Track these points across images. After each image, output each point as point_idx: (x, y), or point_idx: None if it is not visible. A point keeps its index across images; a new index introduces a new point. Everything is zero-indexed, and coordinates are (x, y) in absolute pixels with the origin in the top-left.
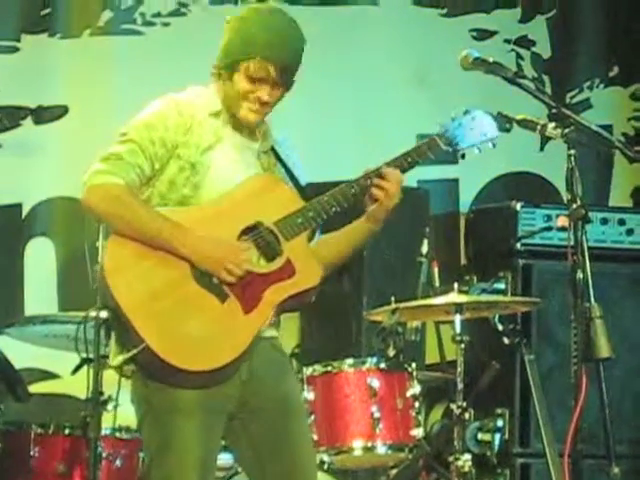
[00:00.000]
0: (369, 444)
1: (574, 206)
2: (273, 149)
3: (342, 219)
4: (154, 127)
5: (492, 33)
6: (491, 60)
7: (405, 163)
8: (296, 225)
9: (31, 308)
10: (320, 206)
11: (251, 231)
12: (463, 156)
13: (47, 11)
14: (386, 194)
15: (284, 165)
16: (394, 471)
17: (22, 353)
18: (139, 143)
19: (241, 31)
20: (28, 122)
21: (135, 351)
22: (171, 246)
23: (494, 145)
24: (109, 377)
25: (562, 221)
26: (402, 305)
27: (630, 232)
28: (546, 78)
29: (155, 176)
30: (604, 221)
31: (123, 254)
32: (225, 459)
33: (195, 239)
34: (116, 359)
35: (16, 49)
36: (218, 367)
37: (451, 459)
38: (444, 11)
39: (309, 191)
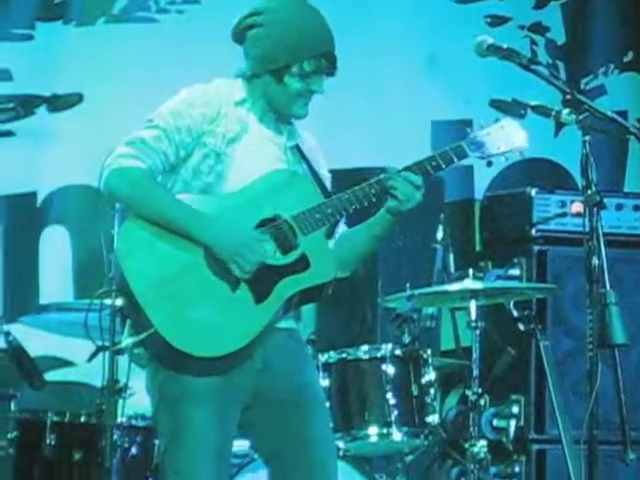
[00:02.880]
0: (385, 431)
1: (589, 192)
2: (298, 147)
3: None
4: (181, 115)
5: (506, 19)
6: (505, 46)
7: (429, 167)
8: (314, 220)
9: (46, 296)
10: (339, 203)
11: (269, 223)
12: (490, 164)
13: None
14: (403, 196)
15: (308, 164)
16: (410, 457)
17: (38, 341)
18: (165, 130)
19: (281, 35)
20: (42, 110)
21: (144, 335)
22: (189, 232)
23: (522, 155)
24: (125, 365)
25: (577, 207)
26: (417, 292)
27: None
28: (560, 64)
29: (179, 164)
30: (619, 207)
31: (138, 237)
32: (241, 446)
33: (213, 227)
34: (125, 341)
35: (31, 37)
36: (223, 355)
37: (467, 445)
38: None
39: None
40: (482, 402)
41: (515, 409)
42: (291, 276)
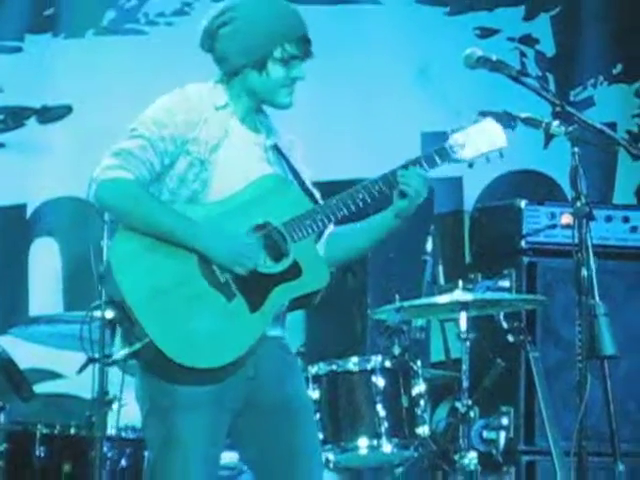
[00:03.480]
0: (374, 442)
1: (578, 204)
2: (276, 146)
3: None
4: (164, 124)
5: (496, 31)
6: (495, 58)
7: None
8: (304, 227)
9: (36, 308)
10: (328, 209)
11: (259, 230)
12: (471, 165)
13: (51, 11)
14: (415, 192)
15: (288, 163)
16: (400, 469)
17: (27, 353)
18: (149, 139)
19: (257, 23)
20: (32, 122)
21: (138, 345)
22: (181, 240)
23: (502, 155)
24: (114, 376)
25: (566, 219)
26: (407, 303)
27: (634, 229)
28: (550, 76)
29: (164, 172)
30: (608, 219)
31: (131, 248)
32: (230, 458)
33: (208, 234)
34: (119, 353)
35: (20, 49)
36: (221, 365)
37: (457, 457)
38: (447, 9)
39: (313, 190)
40: (472, 414)
41: (505, 421)
42: (284, 284)
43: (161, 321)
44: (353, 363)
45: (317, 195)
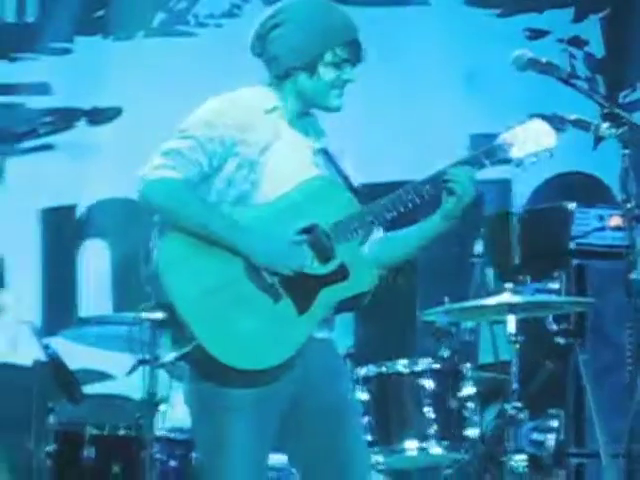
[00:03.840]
0: (423, 444)
1: (628, 206)
2: (326, 150)
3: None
4: (213, 125)
5: (545, 32)
6: (544, 60)
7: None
8: (351, 229)
9: (85, 309)
10: (376, 211)
11: (307, 233)
12: (519, 165)
13: (101, 13)
14: (462, 190)
15: (336, 167)
16: (448, 471)
17: (77, 354)
18: (199, 140)
19: (309, 25)
20: (82, 123)
21: (187, 349)
22: (229, 243)
23: (551, 155)
24: (164, 378)
25: (615, 221)
26: (456, 305)
27: None
28: (599, 78)
29: (213, 174)
30: None
31: (178, 250)
32: (279, 459)
33: (254, 237)
34: (168, 355)
35: (70, 51)
36: (270, 367)
37: (506, 459)
38: (497, 11)
39: (363, 192)
40: (521, 416)
41: (554, 423)
42: (331, 286)
43: (209, 323)
44: (402, 365)
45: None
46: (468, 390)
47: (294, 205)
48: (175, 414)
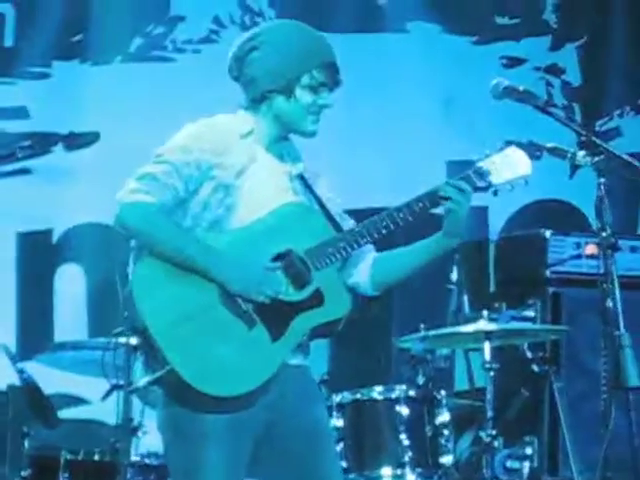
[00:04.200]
0: (398, 472)
1: (604, 234)
2: (302, 176)
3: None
4: (189, 150)
5: (522, 61)
6: (521, 88)
7: (437, 198)
8: (327, 255)
9: (61, 334)
10: (351, 237)
11: (282, 258)
12: (495, 193)
13: (78, 38)
14: (457, 204)
15: (313, 193)
16: None
17: (52, 379)
18: (174, 165)
19: (287, 48)
20: (59, 148)
21: (160, 373)
22: (203, 269)
23: (526, 182)
24: (139, 403)
25: (591, 249)
26: (431, 332)
27: None
28: (576, 106)
29: (188, 198)
30: (633, 249)
31: (153, 276)
32: None
33: (228, 263)
34: (141, 380)
35: (47, 75)
36: (243, 393)
37: None
38: (474, 39)
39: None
40: (496, 443)
41: (529, 450)
42: (306, 312)
43: (183, 349)
44: (377, 392)
45: (349, 222)
46: (443, 417)
47: (269, 230)
48: (149, 440)
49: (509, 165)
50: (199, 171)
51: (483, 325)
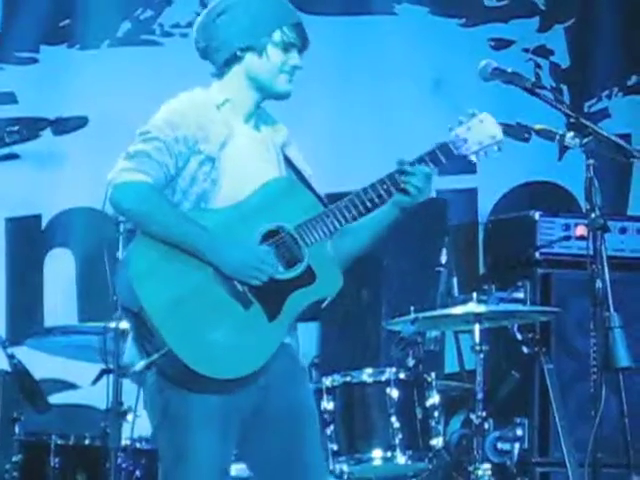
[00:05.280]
0: (389, 454)
1: (593, 215)
2: (280, 146)
3: None
4: (177, 125)
5: (510, 42)
6: (510, 70)
7: (430, 162)
8: (316, 230)
9: (51, 319)
10: (338, 211)
11: (272, 235)
12: (471, 161)
13: (66, 22)
14: (415, 190)
15: (292, 166)
16: None
17: (42, 364)
18: (165, 141)
19: (255, 7)
20: (47, 133)
21: (157, 355)
22: (198, 251)
23: (499, 149)
24: (129, 387)
25: (580, 230)
26: (421, 315)
27: None
28: (564, 87)
29: (177, 173)
30: (623, 230)
31: (148, 256)
32: (243, 469)
33: (222, 245)
34: (138, 364)
35: (35, 60)
36: (243, 376)
37: (471, 469)
38: (462, 21)
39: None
40: (486, 425)
41: (519, 432)
42: (299, 290)
43: (180, 330)
44: (367, 375)
45: (321, 194)
46: (433, 399)
47: (258, 206)
48: (141, 423)
49: (484, 131)
50: (186, 146)
51: (473, 307)
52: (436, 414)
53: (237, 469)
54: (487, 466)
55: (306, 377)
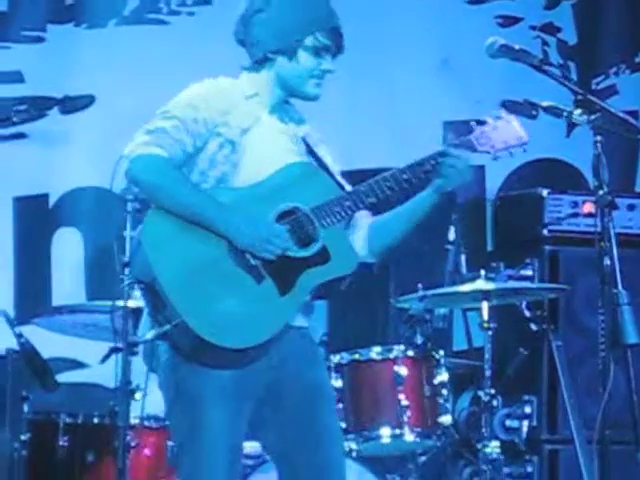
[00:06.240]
0: (397, 432)
1: (601, 193)
2: (305, 139)
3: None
4: (196, 107)
5: (517, 19)
6: (517, 47)
7: (437, 164)
8: (332, 213)
9: (59, 298)
10: (356, 196)
11: (288, 215)
12: (496, 158)
13: (72, 1)
14: (454, 169)
15: (315, 156)
16: (422, 458)
17: (50, 343)
18: (183, 120)
19: (290, 9)
20: (55, 112)
21: (169, 326)
22: (211, 223)
23: (525, 150)
24: (138, 366)
25: (588, 207)
26: (429, 292)
27: None
28: (572, 64)
29: (196, 154)
30: (631, 207)
31: (162, 229)
32: (254, 447)
33: (236, 219)
34: (149, 332)
35: (42, 39)
36: (250, 346)
37: (479, 446)
38: None
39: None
40: (495, 402)
41: (527, 409)
42: (312, 269)
43: (192, 301)
44: (376, 352)
45: (347, 187)
46: (442, 377)
47: (276, 188)
48: (150, 402)
49: (510, 132)
50: (206, 128)
51: (481, 284)
52: (444, 392)
53: (249, 447)
54: (495, 443)
55: (321, 360)
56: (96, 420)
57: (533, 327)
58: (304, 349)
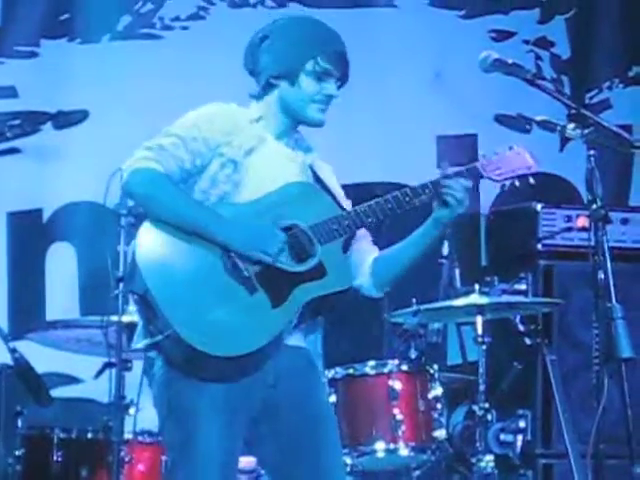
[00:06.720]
0: (391, 446)
1: (594, 207)
2: (312, 169)
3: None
4: (199, 126)
5: (511, 34)
6: (510, 61)
7: (440, 188)
8: (331, 231)
9: (53, 313)
10: (356, 216)
11: (286, 232)
12: (503, 186)
13: (66, 16)
14: (454, 199)
15: (322, 184)
16: (417, 473)
17: (44, 358)
18: (182, 138)
19: (292, 36)
20: (48, 127)
21: (161, 337)
22: (205, 230)
23: (533, 177)
24: (131, 381)
25: (582, 221)
26: (423, 307)
27: None
28: (565, 79)
29: (197, 173)
30: (624, 221)
31: (156, 240)
32: (248, 462)
33: (230, 224)
34: (141, 342)
35: (36, 54)
36: (239, 355)
37: (473, 460)
38: (462, 12)
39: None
40: (489, 417)
41: (522, 424)
42: (307, 283)
43: (184, 312)
44: (370, 367)
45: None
46: (436, 391)
47: (274, 205)
48: (144, 417)
49: (520, 161)
50: (206, 147)
51: (475, 299)
52: (439, 406)
53: (244, 462)
54: (490, 457)
55: (321, 379)
56: (90, 435)
57: (527, 341)
58: (301, 368)
